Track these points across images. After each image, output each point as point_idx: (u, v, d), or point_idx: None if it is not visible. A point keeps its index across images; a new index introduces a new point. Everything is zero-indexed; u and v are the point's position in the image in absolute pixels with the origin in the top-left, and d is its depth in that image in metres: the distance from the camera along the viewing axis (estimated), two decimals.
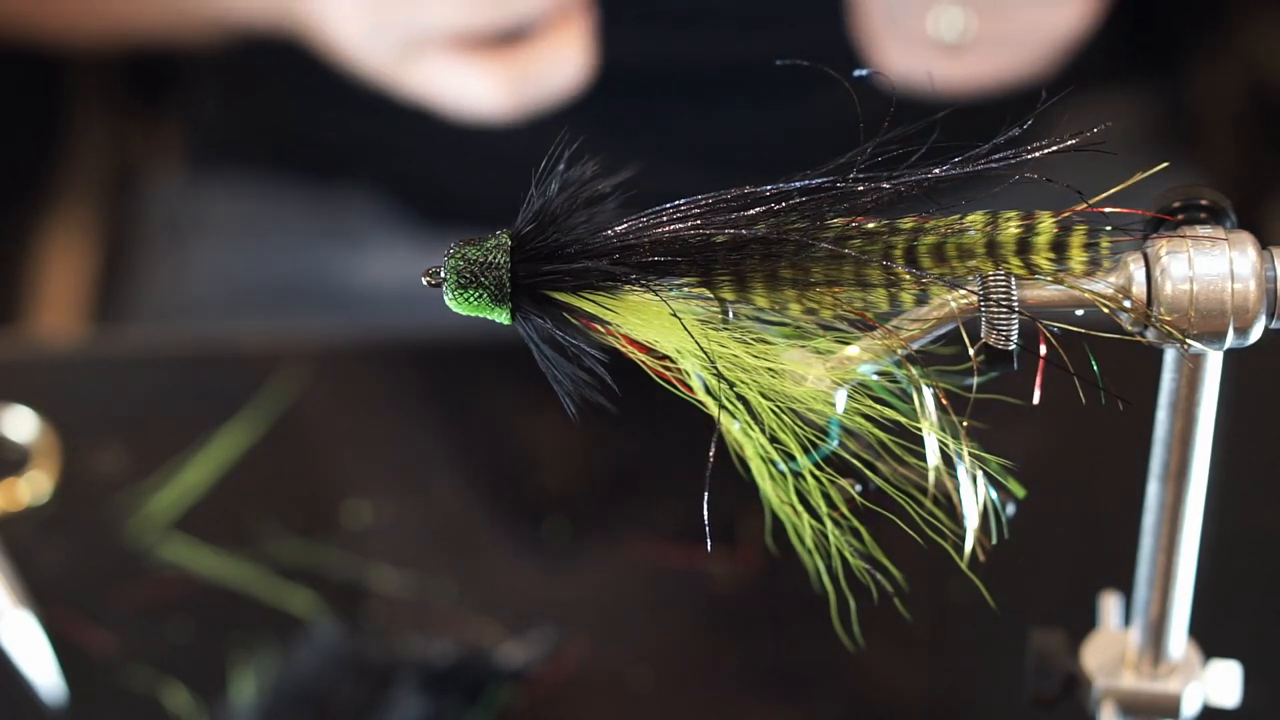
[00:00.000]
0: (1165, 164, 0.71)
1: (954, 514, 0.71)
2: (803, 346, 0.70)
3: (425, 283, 0.70)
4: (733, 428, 0.70)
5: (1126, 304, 0.69)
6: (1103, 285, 0.69)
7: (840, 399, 0.70)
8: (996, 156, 0.69)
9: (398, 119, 1.43)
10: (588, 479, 1.25)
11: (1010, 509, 0.72)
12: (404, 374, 1.35)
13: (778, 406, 0.69)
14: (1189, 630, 0.81)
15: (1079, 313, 0.69)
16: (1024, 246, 0.69)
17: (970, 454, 0.70)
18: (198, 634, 1.13)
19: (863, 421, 0.70)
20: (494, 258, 0.69)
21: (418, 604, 1.15)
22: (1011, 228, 0.69)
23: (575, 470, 1.26)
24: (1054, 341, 0.68)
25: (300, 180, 1.61)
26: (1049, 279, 0.69)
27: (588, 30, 1.26)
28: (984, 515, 0.71)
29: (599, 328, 0.69)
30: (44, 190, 1.79)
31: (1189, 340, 0.68)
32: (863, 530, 0.70)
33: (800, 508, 0.70)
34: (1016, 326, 0.68)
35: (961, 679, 1.12)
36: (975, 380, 0.68)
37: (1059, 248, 0.69)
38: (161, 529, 1.19)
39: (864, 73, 0.75)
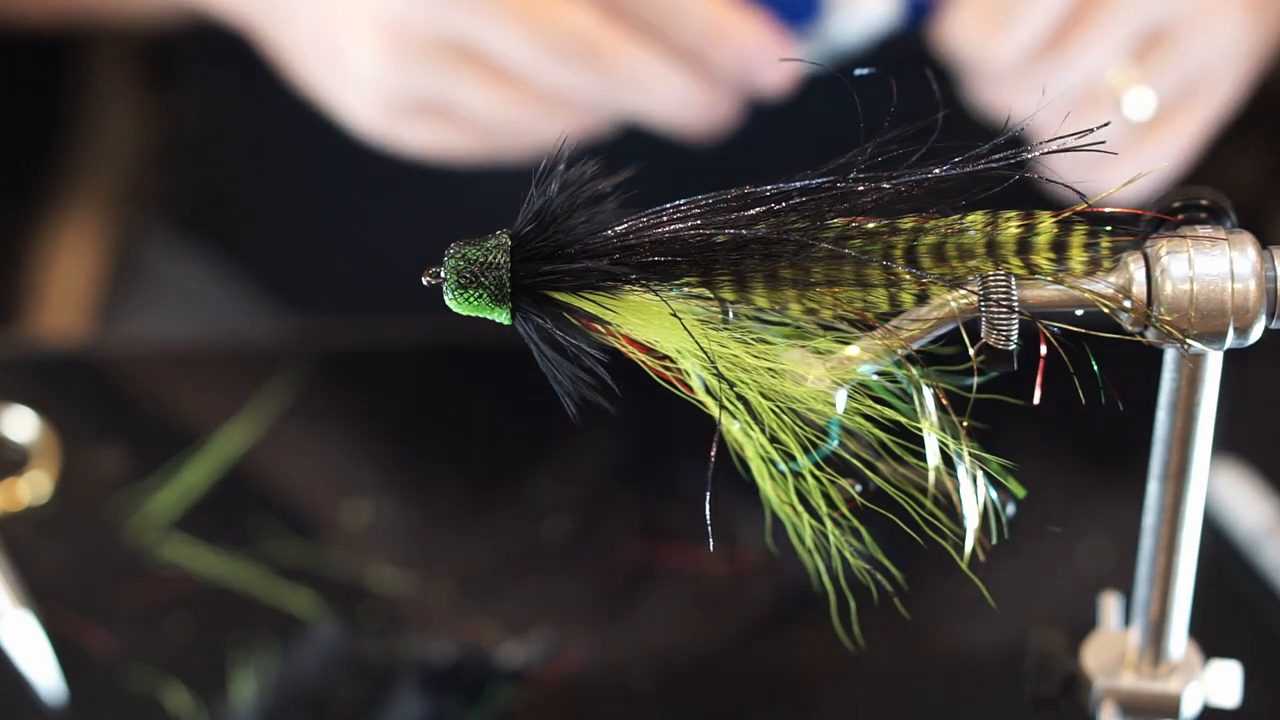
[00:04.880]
0: (1165, 164, 0.71)
1: (954, 514, 0.71)
2: (803, 346, 0.70)
3: (425, 282, 0.70)
4: (733, 428, 0.70)
5: (1127, 304, 0.69)
6: (1103, 285, 0.69)
7: (840, 399, 0.70)
8: (996, 156, 0.69)
9: None
10: (588, 479, 1.25)
11: (1010, 509, 0.72)
12: (404, 374, 1.35)
13: (778, 406, 0.69)
14: (1189, 630, 0.81)
15: (1079, 313, 0.69)
16: (1024, 246, 0.69)
17: (970, 454, 0.70)
18: (198, 634, 1.13)
19: (863, 421, 0.70)
20: (494, 258, 0.69)
21: (418, 604, 1.15)
22: (1011, 228, 0.69)
23: (575, 470, 1.26)
24: (1054, 341, 0.68)
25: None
26: (1049, 279, 0.69)
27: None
28: (984, 515, 0.71)
29: (599, 328, 0.69)
30: (47, 189, 1.79)
31: (1189, 340, 0.68)
32: (863, 530, 0.70)
33: (800, 508, 0.70)
34: (1016, 326, 0.68)
35: (961, 679, 1.12)
36: (975, 380, 0.68)
37: (1059, 248, 0.69)
38: (161, 529, 1.19)
39: (864, 71, 0.75)
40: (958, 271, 0.69)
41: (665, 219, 0.69)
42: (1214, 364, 0.73)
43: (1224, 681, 0.83)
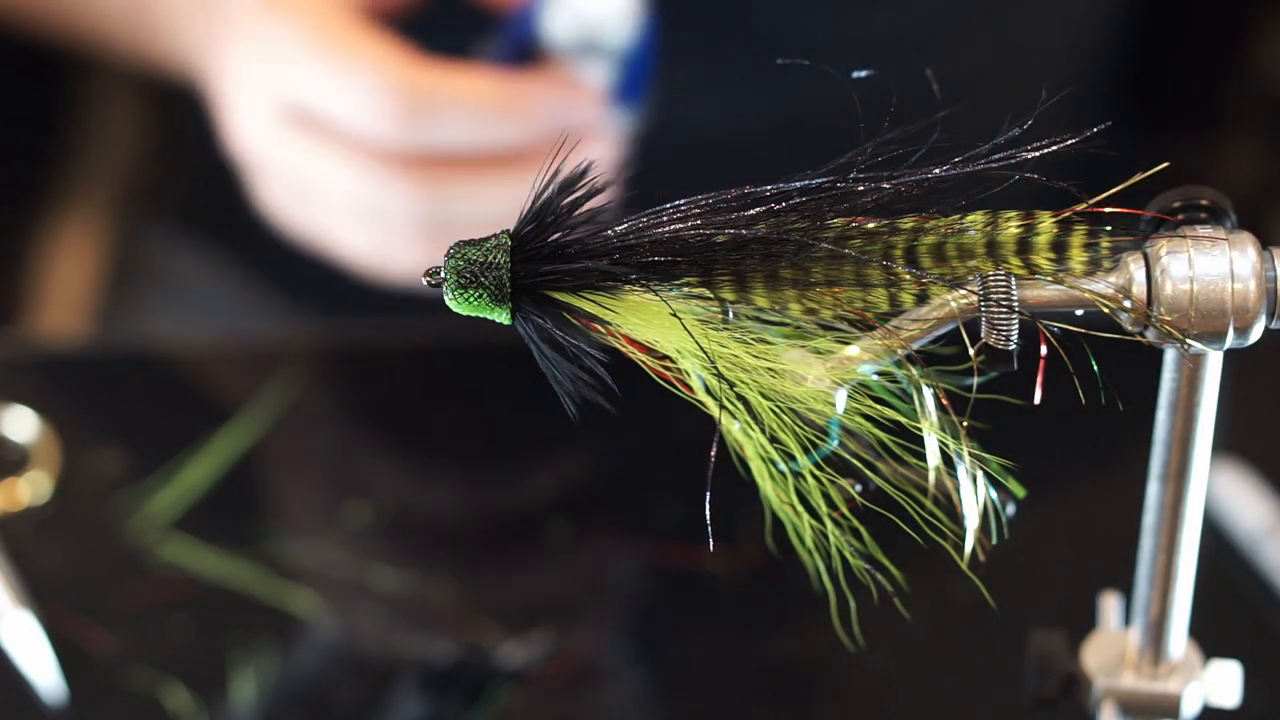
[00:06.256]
0: (1165, 164, 0.71)
1: (954, 514, 0.71)
2: (803, 346, 0.70)
3: (425, 283, 0.70)
4: (733, 428, 0.70)
5: (1126, 304, 0.69)
6: (1103, 285, 0.69)
7: (840, 399, 0.70)
8: (996, 156, 0.69)
9: None
10: (588, 479, 1.25)
11: (1010, 509, 0.72)
12: (404, 374, 1.35)
13: (778, 406, 0.69)
14: (1189, 630, 0.81)
15: (1079, 313, 0.69)
16: (1024, 246, 0.69)
17: (970, 454, 0.70)
18: (198, 634, 1.13)
19: (863, 421, 0.70)
20: (494, 258, 0.69)
21: (418, 604, 1.15)
22: (1011, 228, 0.69)
23: (575, 470, 1.26)
24: (1054, 341, 0.68)
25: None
26: (1049, 279, 0.69)
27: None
28: (984, 515, 0.71)
29: (599, 328, 0.69)
30: (47, 189, 1.79)
31: (1189, 340, 0.68)
32: (863, 530, 0.70)
33: (800, 508, 0.70)
34: (1016, 326, 0.68)
35: (961, 679, 1.12)
36: (975, 380, 0.68)
37: (1059, 248, 0.69)
38: (161, 529, 1.19)
39: (864, 73, 0.75)
40: (958, 271, 0.69)
41: (665, 219, 0.69)
42: (1214, 364, 0.73)
43: (1224, 681, 0.83)
